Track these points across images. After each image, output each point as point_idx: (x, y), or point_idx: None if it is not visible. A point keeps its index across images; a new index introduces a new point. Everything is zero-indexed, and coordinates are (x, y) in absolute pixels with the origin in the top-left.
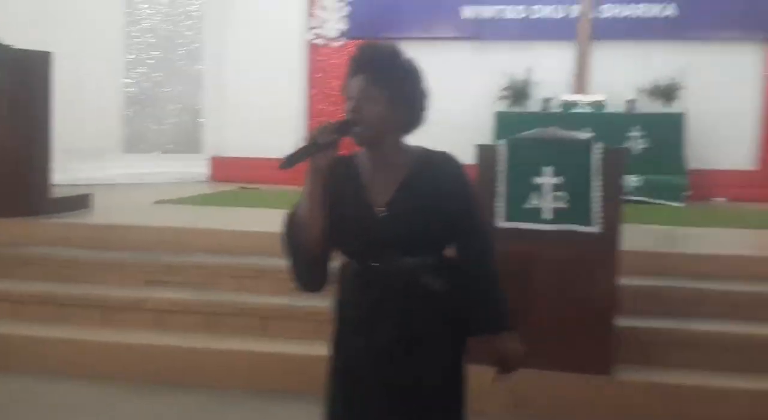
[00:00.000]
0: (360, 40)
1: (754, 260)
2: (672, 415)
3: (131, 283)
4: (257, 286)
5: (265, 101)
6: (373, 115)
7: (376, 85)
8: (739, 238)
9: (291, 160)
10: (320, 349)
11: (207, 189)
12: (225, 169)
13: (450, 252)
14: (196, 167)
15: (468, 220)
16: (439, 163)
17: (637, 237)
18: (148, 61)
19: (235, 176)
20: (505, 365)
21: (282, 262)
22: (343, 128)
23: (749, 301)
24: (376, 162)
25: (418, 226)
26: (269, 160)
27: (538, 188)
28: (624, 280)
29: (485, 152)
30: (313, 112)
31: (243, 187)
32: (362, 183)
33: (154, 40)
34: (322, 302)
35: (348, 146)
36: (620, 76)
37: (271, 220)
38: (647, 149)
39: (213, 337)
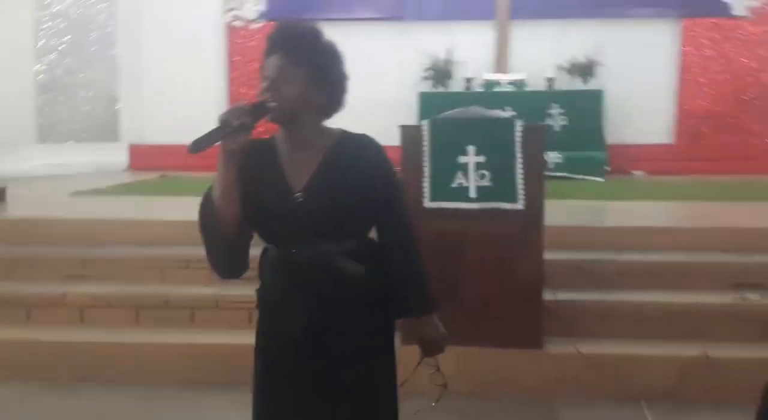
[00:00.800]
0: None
1: (672, 231)
2: (602, 383)
3: (50, 278)
4: (183, 277)
5: (184, 86)
6: (290, 96)
7: (295, 64)
8: (658, 210)
9: (199, 144)
10: (250, 339)
11: (126, 178)
12: (144, 157)
13: (371, 236)
14: (114, 156)
15: (388, 204)
16: (358, 145)
17: (560, 212)
18: (60, 46)
19: (156, 164)
20: (428, 348)
21: None
22: (257, 110)
23: (669, 270)
24: (293, 144)
25: (335, 210)
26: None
27: (462, 167)
28: (550, 255)
29: (409, 133)
30: (234, 96)
31: (164, 176)
32: (279, 166)
33: (64, 25)
34: (251, 291)
35: (271, 128)
36: (539, 55)
37: (193, 209)
38: (567, 126)
39: (139, 331)
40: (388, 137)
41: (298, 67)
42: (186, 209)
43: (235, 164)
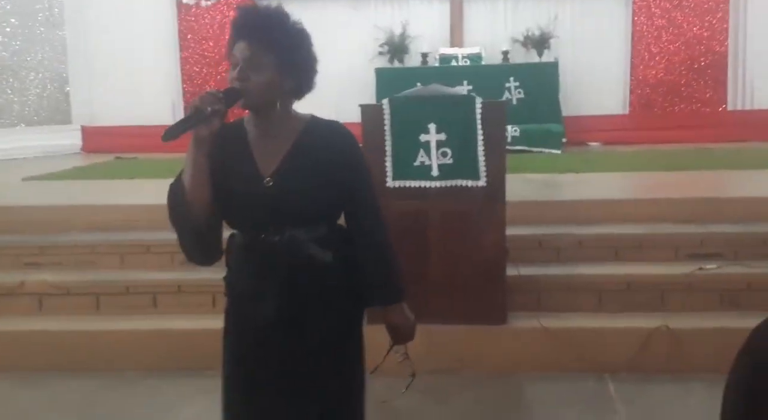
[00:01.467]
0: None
1: (629, 203)
2: (566, 357)
3: (6, 267)
4: (143, 262)
5: (135, 66)
6: (260, 83)
7: (263, 51)
8: (614, 182)
9: (173, 132)
10: (214, 323)
11: (80, 161)
12: (97, 139)
13: (341, 222)
14: (66, 139)
15: (358, 191)
16: (328, 131)
17: (519, 187)
18: (6, 29)
19: (110, 146)
20: (398, 336)
21: (168, 236)
22: (228, 97)
23: (627, 243)
24: (263, 130)
25: (304, 196)
26: (146, 127)
27: (424, 146)
28: (511, 231)
29: (370, 112)
30: (186, 76)
31: (119, 158)
32: (249, 151)
33: (9, 7)
34: (214, 274)
35: (237, 112)
36: (494, 28)
37: (152, 192)
38: (524, 99)
39: (100, 318)
40: (346, 115)
41: (267, 54)
42: (143, 192)
43: (206, 150)
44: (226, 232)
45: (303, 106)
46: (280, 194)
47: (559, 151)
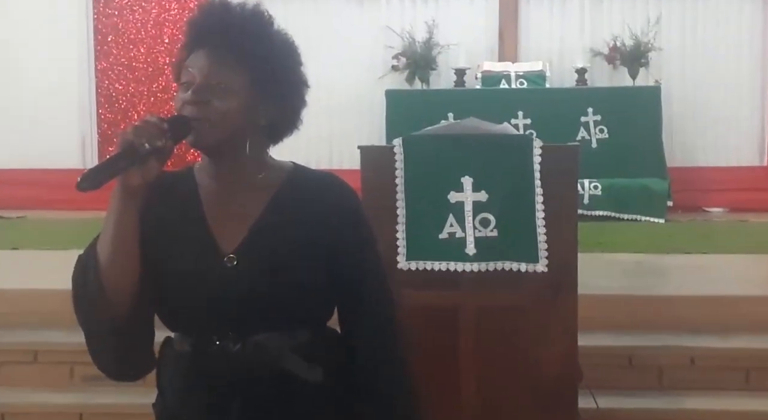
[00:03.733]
0: None
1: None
2: None
3: None
4: (28, 376)
5: (29, 85)
6: (224, 110)
7: (232, 65)
8: (747, 268)
9: (94, 177)
10: None
11: None
12: None
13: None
14: None
15: (360, 277)
16: (319, 188)
17: (599, 274)
18: None
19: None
20: None
21: (67, 337)
22: (175, 129)
23: (766, 362)
24: (224, 183)
25: (282, 283)
26: (39, 171)
27: (455, 209)
28: (585, 340)
29: (374, 157)
30: (103, 96)
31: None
32: (201, 214)
33: None
34: (137, 398)
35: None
36: (565, 35)
37: (46, 270)
38: (608, 141)
39: None
40: (339, 159)
41: (237, 70)
42: (32, 271)
43: (136, 207)
44: (161, 334)
45: (277, 147)
46: (246, 280)
47: (661, 220)
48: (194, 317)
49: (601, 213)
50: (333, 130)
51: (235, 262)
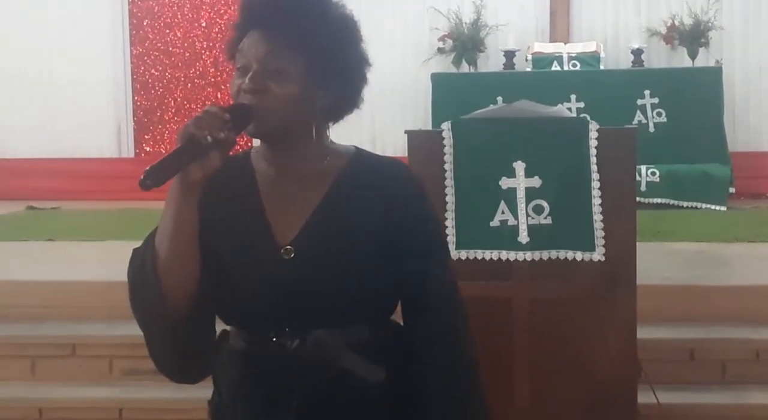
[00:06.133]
0: None
1: None
2: None
3: None
4: (66, 370)
5: (58, 70)
6: (283, 97)
7: (291, 49)
8: None
9: (158, 173)
10: None
11: None
12: (2, 179)
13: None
14: None
15: (426, 270)
16: (382, 175)
17: (659, 263)
18: None
19: (19, 190)
20: None
21: (105, 330)
22: (239, 117)
23: None
24: (281, 170)
25: (343, 277)
26: (74, 161)
27: (507, 196)
28: (645, 332)
29: (421, 142)
30: (139, 83)
31: (32, 208)
32: (259, 204)
33: None
34: (188, 392)
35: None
36: (620, 14)
37: (84, 262)
38: (666, 125)
39: None
40: (384, 144)
41: (295, 53)
42: (69, 262)
43: (196, 201)
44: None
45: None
46: (304, 273)
47: (723, 208)
48: (248, 311)
49: (659, 201)
50: (375, 116)
51: (291, 256)
